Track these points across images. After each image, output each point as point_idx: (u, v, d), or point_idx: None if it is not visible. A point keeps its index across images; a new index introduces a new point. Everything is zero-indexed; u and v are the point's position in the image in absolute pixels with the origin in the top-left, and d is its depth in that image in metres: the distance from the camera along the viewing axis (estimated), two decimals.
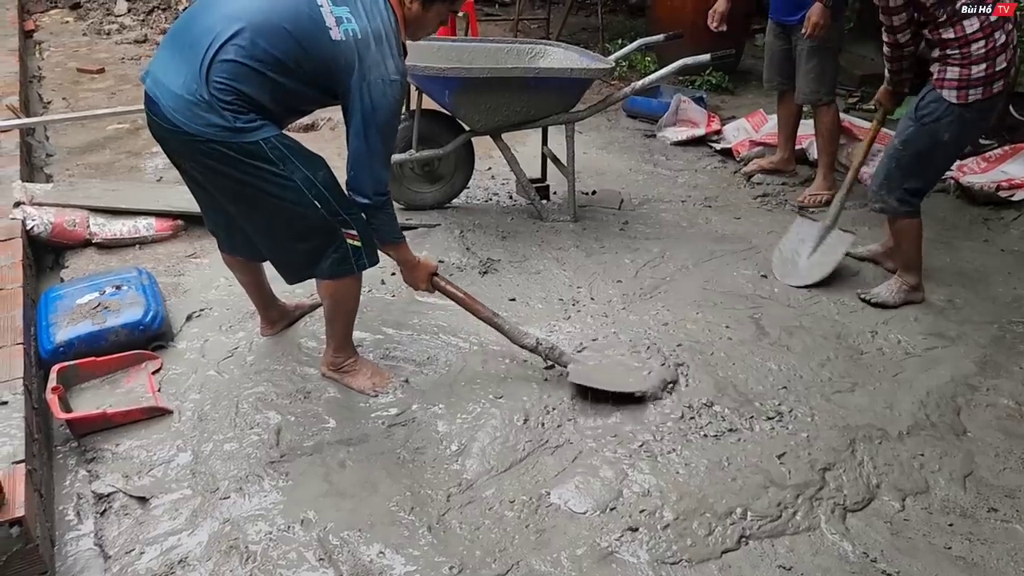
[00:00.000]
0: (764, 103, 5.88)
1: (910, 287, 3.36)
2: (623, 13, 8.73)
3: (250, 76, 2.25)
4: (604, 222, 4.06)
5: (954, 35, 2.93)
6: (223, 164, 2.31)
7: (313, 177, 2.40)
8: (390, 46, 2.32)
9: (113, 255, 3.66)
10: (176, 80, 2.26)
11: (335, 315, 2.74)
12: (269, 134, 2.31)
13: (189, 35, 2.31)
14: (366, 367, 2.86)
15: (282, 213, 2.43)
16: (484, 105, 3.69)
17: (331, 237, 2.51)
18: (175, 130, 2.29)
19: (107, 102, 5.64)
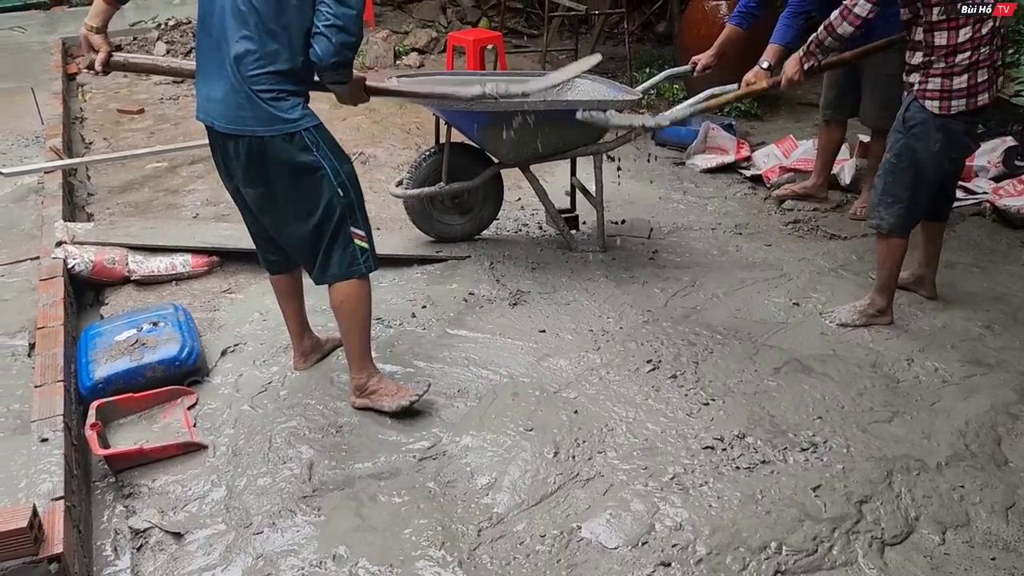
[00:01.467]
0: (794, 128, 5.87)
1: (877, 310, 3.33)
2: (650, 42, 8.77)
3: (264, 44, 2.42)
4: (633, 251, 4.06)
5: (945, 42, 2.91)
6: (269, 157, 2.52)
7: (340, 168, 2.61)
8: None
9: (151, 292, 3.74)
10: (218, 91, 2.51)
11: (350, 326, 2.81)
12: (310, 123, 2.53)
13: (208, 54, 2.53)
14: (389, 385, 2.90)
15: (304, 201, 2.61)
16: (513, 138, 3.73)
17: (342, 229, 2.66)
18: (230, 135, 2.53)
19: (146, 142, 5.78)
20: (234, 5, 2.44)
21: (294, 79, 2.51)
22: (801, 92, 6.80)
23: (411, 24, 8.92)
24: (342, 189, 2.61)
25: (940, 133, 3.03)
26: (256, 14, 2.41)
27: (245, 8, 2.42)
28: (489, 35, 7.18)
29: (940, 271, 3.60)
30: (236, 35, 2.44)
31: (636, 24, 8.76)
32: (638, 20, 8.88)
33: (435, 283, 3.76)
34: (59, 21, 9.73)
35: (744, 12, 4.27)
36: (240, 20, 2.43)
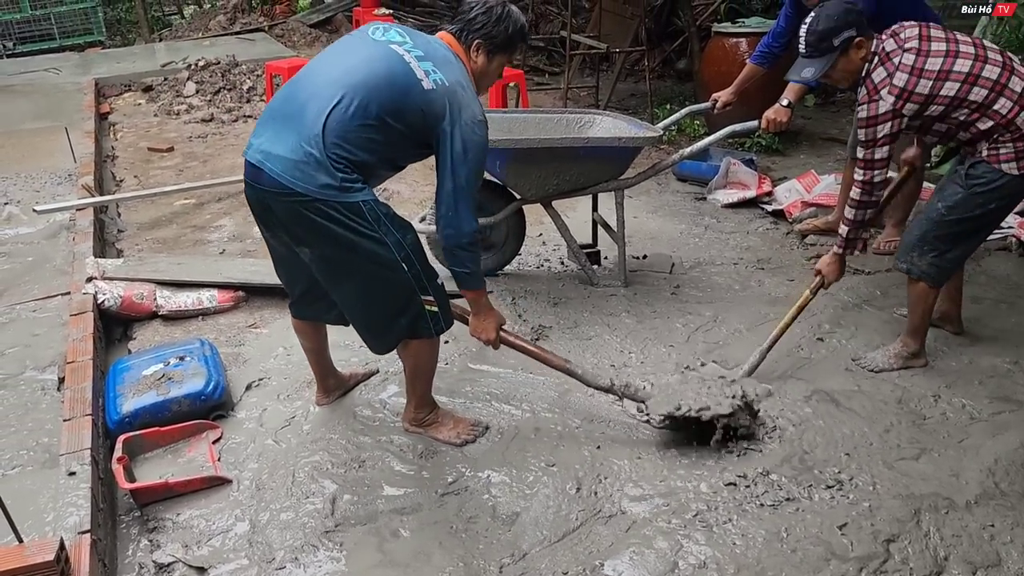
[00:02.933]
0: (815, 163, 5.88)
1: (911, 353, 3.27)
2: (671, 79, 8.85)
3: (358, 134, 2.42)
4: (655, 287, 4.07)
5: (992, 121, 2.87)
6: (324, 221, 2.42)
7: (403, 240, 2.53)
8: (470, 92, 2.52)
9: (177, 326, 3.80)
10: (284, 146, 2.43)
11: (415, 375, 2.86)
12: (369, 197, 2.47)
13: (294, 104, 2.49)
14: (447, 418, 2.96)
15: (371, 272, 2.54)
16: (535, 175, 3.77)
17: (411, 300, 2.62)
18: (282, 191, 2.42)
19: (175, 179, 5.91)
20: (358, 80, 2.42)
21: (361, 166, 2.45)
22: (823, 128, 6.84)
23: None
24: (406, 263, 2.54)
25: (1008, 190, 2.96)
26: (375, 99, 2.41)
27: (369, 89, 2.41)
28: (510, 73, 7.27)
29: (966, 306, 3.57)
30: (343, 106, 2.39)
31: (657, 61, 8.85)
32: (658, 57, 8.97)
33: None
34: (92, 63, 10.01)
35: (765, 52, 4.31)
36: (355, 96, 2.40)
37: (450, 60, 2.54)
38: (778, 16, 4.34)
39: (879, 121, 2.90)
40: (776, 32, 4.32)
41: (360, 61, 2.48)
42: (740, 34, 6.48)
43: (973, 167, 2.99)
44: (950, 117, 2.91)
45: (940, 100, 2.87)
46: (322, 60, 2.62)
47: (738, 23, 6.88)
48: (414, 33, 2.60)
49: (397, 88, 2.42)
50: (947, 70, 2.86)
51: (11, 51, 11.06)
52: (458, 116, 2.45)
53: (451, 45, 2.60)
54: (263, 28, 11.05)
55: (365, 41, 2.56)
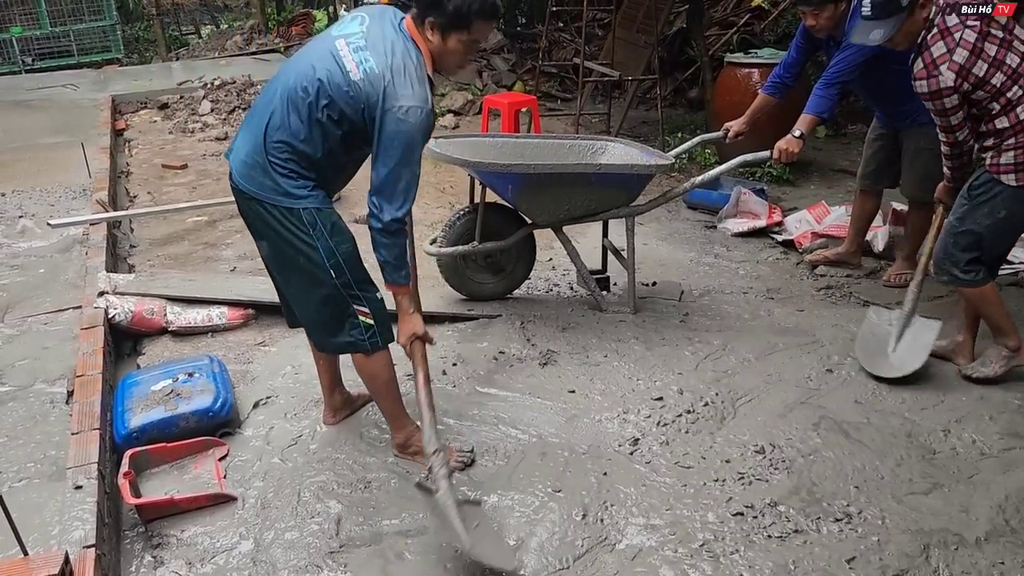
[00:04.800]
0: (826, 194, 5.89)
1: (1011, 350, 3.28)
2: (683, 107, 8.90)
3: (296, 133, 2.51)
4: (664, 314, 4.07)
5: (1008, 123, 2.96)
6: (270, 223, 2.59)
7: (336, 248, 2.60)
8: (409, 76, 2.45)
9: (187, 343, 3.81)
10: (244, 149, 2.62)
11: (373, 391, 2.91)
12: (312, 204, 2.56)
13: (254, 111, 2.67)
14: None
15: (304, 276, 2.65)
16: (546, 200, 3.79)
17: (343, 310, 2.67)
18: (239, 191, 2.64)
19: (188, 196, 5.96)
20: (295, 80, 2.52)
21: (309, 165, 2.56)
22: (834, 159, 6.86)
23: (448, 86, 9.14)
24: (335, 271, 2.60)
25: (1009, 200, 3.04)
26: (310, 96, 2.49)
27: (304, 90, 2.50)
28: (524, 98, 7.33)
29: (979, 340, 3.55)
30: (284, 106, 2.52)
31: (669, 90, 8.91)
32: (671, 86, 9.04)
33: (466, 341, 3.78)
34: (109, 80, 10.14)
35: (777, 82, 4.34)
36: (294, 97, 2.51)
37: (394, 44, 2.49)
38: (790, 47, 4.37)
39: (943, 95, 2.94)
40: (788, 63, 4.35)
41: (305, 62, 2.55)
42: (752, 64, 6.52)
43: (976, 178, 3.09)
44: (984, 105, 2.96)
45: (988, 88, 2.93)
46: (287, 62, 2.73)
47: (750, 53, 6.93)
48: (379, 17, 2.58)
49: (329, 84, 2.47)
50: (1000, 60, 2.90)
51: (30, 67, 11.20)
52: (386, 102, 2.43)
53: (409, 28, 2.57)
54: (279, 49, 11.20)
55: (320, 39, 2.64)
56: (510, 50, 10.89)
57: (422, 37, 2.57)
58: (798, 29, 4.27)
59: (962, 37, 2.88)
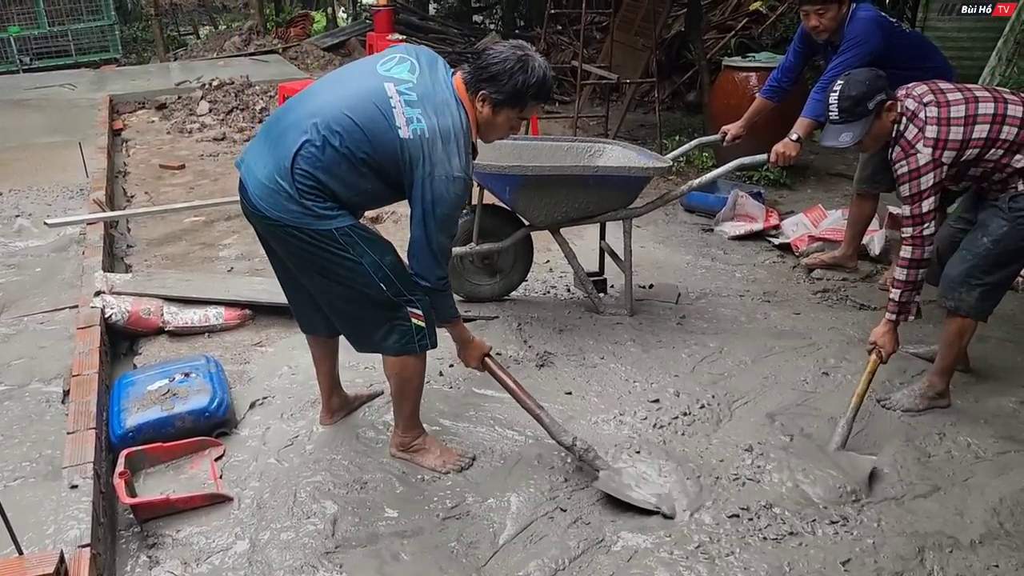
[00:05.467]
0: (823, 198, 5.91)
1: (936, 393, 3.24)
2: (680, 110, 8.92)
3: (327, 168, 2.43)
4: (661, 316, 4.07)
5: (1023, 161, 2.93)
6: (300, 244, 2.50)
7: (380, 261, 2.55)
8: (457, 145, 2.44)
9: (184, 343, 3.81)
10: (263, 170, 2.49)
11: (401, 394, 2.84)
12: (344, 223, 2.49)
13: (277, 129, 2.53)
14: (434, 446, 2.94)
15: (351, 291, 2.59)
16: (544, 202, 3.79)
17: (396, 313, 2.63)
18: (257, 214, 2.52)
19: (185, 196, 5.95)
20: (337, 113, 2.42)
21: (334, 198, 2.48)
22: (830, 163, 6.88)
23: None
24: (385, 283, 2.56)
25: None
26: (351, 139, 2.41)
27: (344, 126, 2.41)
28: None
29: (973, 344, 3.53)
30: (319, 134, 2.41)
31: (666, 93, 8.93)
32: (668, 89, 9.06)
33: None
34: (107, 80, 10.13)
35: (775, 86, 4.35)
36: (331, 128, 2.41)
37: (447, 107, 2.46)
38: (787, 52, 4.39)
39: (921, 173, 2.91)
40: (785, 67, 4.36)
41: (347, 95, 2.47)
42: (750, 68, 6.54)
43: (1015, 199, 2.99)
44: (984, 160, 2.94)
45: (975, 144, 2.90)
46: (322, 84, 2.62)
47: (748, 57, 6.95)
48: (430, 68, 2.53)
49: (372, 132, 2.41)
50: (972, 114, 2.90)
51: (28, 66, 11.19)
52: (432, 168, 2.41)
53: (459, 90, 2.53)
54: (277, 50, 11.20)
55: (366, 72, 2.54)
56: None
57: (471, 104, 2.54)
58: (796, 33, 4.29)
59: (927, 115, 2.91)
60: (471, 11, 14.15)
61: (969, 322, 3.17)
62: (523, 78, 2.50)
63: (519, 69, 2.50)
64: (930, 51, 4.09)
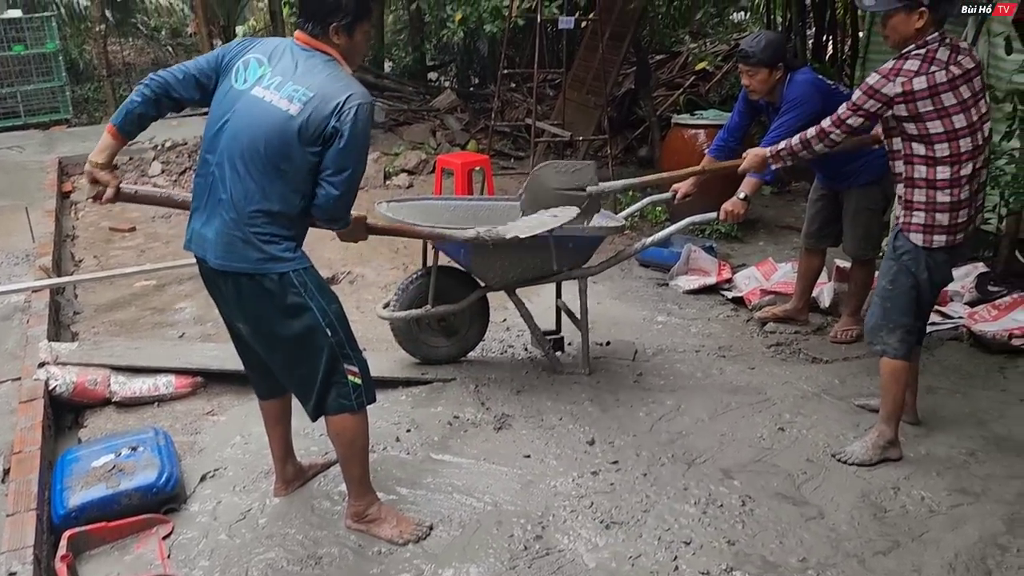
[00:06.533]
0: (773, 251, 6.02)
1: (887, 442, 3.28)
2: (633, 165, 9.06)
3: (265, 195, 2.49)
4: (618, 374, 4.08)
5: (924, 175, 3.04)
6: (259, 294, 2.56)
7: (327, 308, 2.62)
8: (343, 80, 2.50)
9: (132, 413, 3.71)
10: (212, 229, 2.55)
11: (347, 455, 2.81)
12: (299, 265, 2.58)
13: (204, 193, 2.58)
14: (390, 514, 2.88)
15: (297, 342, 2.62)
16: (499, 263, 3.80)
17: (335, 367, 2.66)
18: (220, 272, 2.58)
19: (136, 260, 5.85)
20: (239, 146, 2.49)
21: (288, 223, 2.56)
22: (779, 215, 7.03)
23: (401, 146, 9.21)
24: (330, 329, 2.61)
25: (924, 263, 3.12)
26: (260, 155, 2.47)
27: (250, 149, 2.48)
28: (477, 158, 7.41)
29: (921, 396, 3.63)
30: (236, 173, 2.49)
31: (619, 148, 9.09)
32: (621, 144, 9.22)
33: (420, 406, 3.74)
34: (57, 141, 9.99)
35: (722, 146, 4.46)
36: (243, 159, 2.48)
37: (309, 63, 2.52)
38: (732, 112, 4.52)
39: (876, 96, 3.02)
40: (731, 127, 4.48)
41: (237, 124, 2.50)
42: (698, 125, 6.72)
43: (896, 237, 3.17)
44: (915, 141, 3.04)
45: (921, 128, 3.00)
46: (210, 126, 2.61)
47: (696, 115, 7.13)
48: (272, 53, 2.57)
49: (273, 135, 2.45)
50: (949, 113, 2.98)
51: None
52: (336, 115, 2.43)
53: (308, 43, 2.56)
54: None
55: (230, 98, 2.55)
56: (463, 110, 11.04)
57: (327, 44, 2.57)
58: (739, 95, 4.42)
59: (934, 72, 2.96)
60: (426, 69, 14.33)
61: (900, 364, 3.25)
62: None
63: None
64: None
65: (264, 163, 2.47)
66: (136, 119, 2.62)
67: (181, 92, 2.62)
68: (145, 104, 2.60)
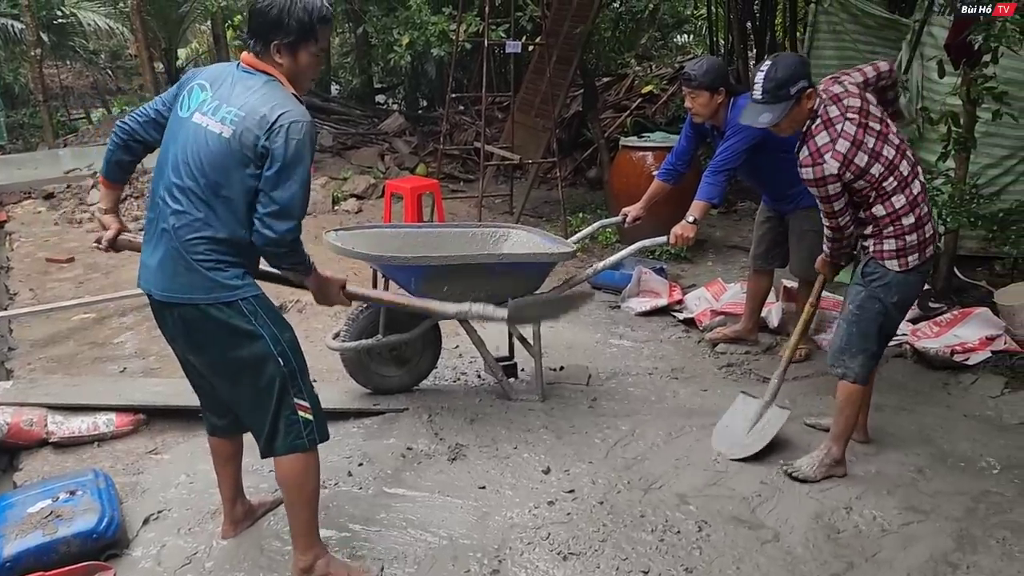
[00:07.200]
0: (721, 271, 6.11)
1: (833, 460, 3.33)
2: (583, 186, 9.15)
3: (206, 223, 2.42)
4: (573, 399, 4.06)
5: (885, 211, 3.10)
6: (207, 324, 2.48)
7: (280, 335, 2.54)
8: (280, 98, 2.42)
9: (70, 454, 3.57)
10: (155, 260, 2.49)
11: (295, 500, 2.66)
12: (249, 293, 2.49)
13: (152, 223, 2.53)
14: (339, 568, 2.74)
15: (251, 374, 2.54)
16: (450, 291, 3.76)
17: (285, 401, 2.57)
18: (166, 303, 2.50)
19: (74, 292, 5.67)
20: (180, 173, 2.44)
21: (234, 249, 2.48)
22: (727, 235, 7.14)
23: (349, 170, 9.15)
24: (282, 358, 2.53)
25: (899, 286, 3.16)
26: (199, 182, 2.41)
27: (188, 176, 2.42)
28: (426, 183, 7.39)
29: (870, 414, 3.68)
30: (178, 202, 2.44)
31: (568, 170, 9.16)
32: (570, 166, 9.30)
33: (372, 438, 3.67)
34: None
35: (670, 169, 4.51)
36: (183, 187, 2.43)
37: (248, 84, 2.45)
38: (680, 136, 4.57)
39: (827, 182, 3.06)
40: (678, 151, 4.54)
41: (178, 153, 2.45)
42: (646, 148, 6.81)
43: (866, 265, 3.21)
44: (863, 193, 3.10)
45: (868, 178, 3.06)
46: (159, 157, 2.57)
47: (643, 137, 7.22)
48: (215, 78, 2.52)
49: (210, 160, 2.40)
50: (878, 152, 3.05)
51: None
52: (269, 132, 2.36)
53: (253, 65, 2.50)
54: None
55: (176, 124, 2.52)
56: (412, 133, 11.02)
57: (270, 65, 2.50)
58: (686, 120, 4.47)
59: (843, 128, 3.04)
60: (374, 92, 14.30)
61: (857, 388, 3.30)
62: (301, 5, 2.45)
63: (292, 3, 2.44)
64: None
65: (204, 189, 2.41)
66: (115, 166, 2.70)
67: (144, 135, 2.66)
68: (118, 151, 2.67)
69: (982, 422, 3.86)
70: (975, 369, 4.27)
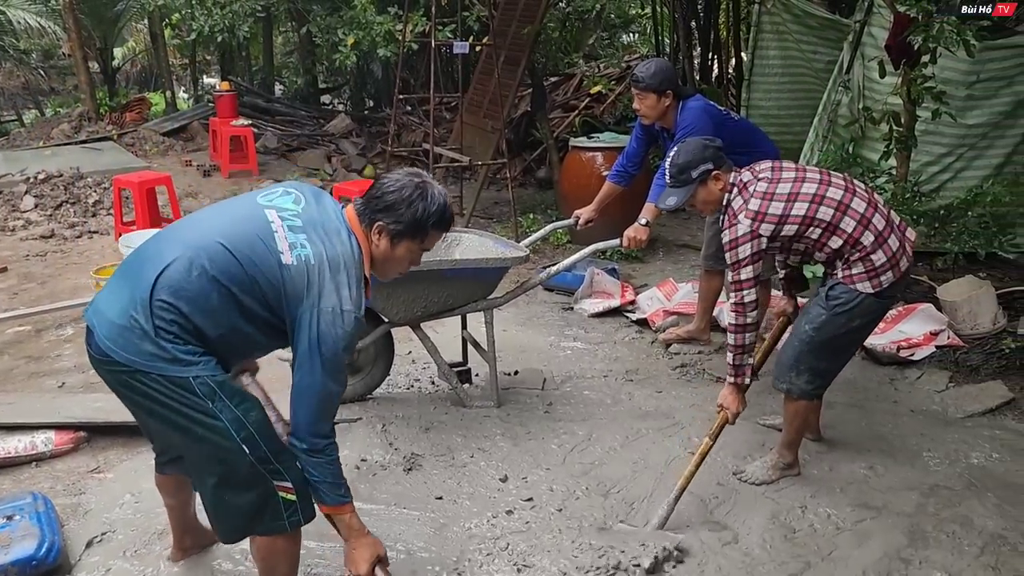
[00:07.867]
0: (673, 270, 6.15)
1: (786, 464, 3.36)
2: (533, 187, 9.13)
3: (193, 300, 2.13)
4: (528, 405, 4.04)
5: (841, 240, 3.04)
6: (151, 394, 2.14)
7: (244, 418, 2.18)
8: (348, 276, 2.21)
9: (6, 476, 3.42)
10: (115, 306, 2.16)
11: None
12: (204, 372, 2.14)
13: (137, 261, 2.26)
14: None
15: (210, 454, 2.22)
16: (402, 298, 3.71)
17: (262, 489, 2.24)
18: (104, 360, 2.16)
19: (8, 303, 5.45)
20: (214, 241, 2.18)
21: (199, 339, 2.17)
22: (677, 234, 7.19)
23: (295, 173, 8.98)
24: (248, 445, 2.18)
25: (869, 308, 3.10)
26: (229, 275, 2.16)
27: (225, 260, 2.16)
28: None
29: (821, 412, 3.72)
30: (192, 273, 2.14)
31: (518, 171, 9.13)
32: (520, 166, 9.27)
33: None
34: None
35: (621, 171, 4.52)
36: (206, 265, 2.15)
37: (337, 235, 2.25)
38: (630, 138, 4.58)
39: (739, 243, 3.05)
40: (629, 153, 4.55)
41: (220, 223, 2.26)
42: (595, 148, 6.82)
43: (832, 288, 3.12)
44: (805, 236, 3.08)
45: (792, 220, 3.04)
46: (190, 218, 2.39)
47: (592, 137, 7.23)
48: (316, 199, 2.34)
49: (249, 258, 2.17)
50: (796, 192, 3.06)
51: None
52: (319, 300, 2.16)
53: (351, 221, 2.32)
54: (111, 137, 10.62)
55: (244, 202, 2.36)
56: (359, 134, 10.88)
57: (365, 236, 2.32)
58: (636, 121, 4.48)
59: (755, 188, 3.09)
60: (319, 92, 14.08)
61: (803, 403, 3.30)
62: (423, 206, 2.30)
63: (418, 197, 2.31)
64: (758, 137, 4.37)
65: (230, 280, 2.16)
66: None
67: None
68: None
69: (929, 417, 3.95)
70: (920, 364, 4.36)
